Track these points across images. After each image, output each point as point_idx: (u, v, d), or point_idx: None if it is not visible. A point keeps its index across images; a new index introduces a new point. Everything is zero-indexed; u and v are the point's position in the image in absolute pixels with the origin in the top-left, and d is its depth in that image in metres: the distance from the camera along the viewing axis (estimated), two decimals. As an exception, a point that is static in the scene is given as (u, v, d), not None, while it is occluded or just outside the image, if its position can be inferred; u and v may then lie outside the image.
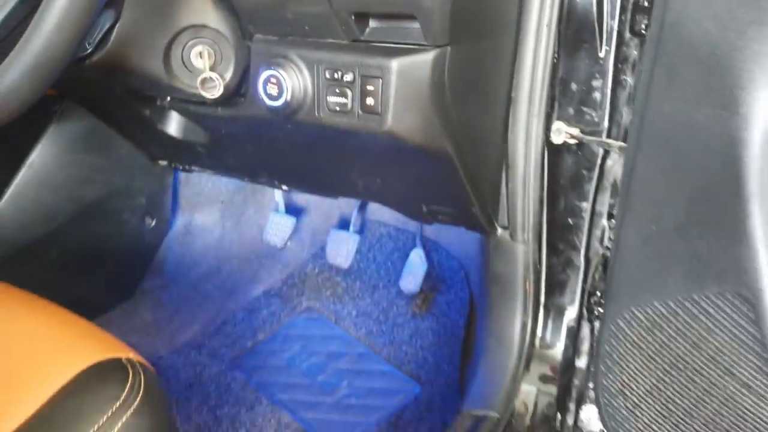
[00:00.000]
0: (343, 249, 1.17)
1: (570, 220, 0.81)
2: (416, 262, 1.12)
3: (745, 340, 0.53)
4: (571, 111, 0.75)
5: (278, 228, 1.21)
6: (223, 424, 0.97)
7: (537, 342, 0.88)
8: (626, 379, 0.65)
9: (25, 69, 0.50)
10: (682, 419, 0.60)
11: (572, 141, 0.76)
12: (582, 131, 0.76)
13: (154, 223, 1.09)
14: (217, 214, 1.26)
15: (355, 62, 0.63)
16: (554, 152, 0.78)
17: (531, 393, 0.87)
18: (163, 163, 1.04)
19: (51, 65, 0.50)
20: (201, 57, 0.66)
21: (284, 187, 0.97)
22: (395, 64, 0.61)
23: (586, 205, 0.79)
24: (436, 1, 0.56)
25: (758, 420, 0.53)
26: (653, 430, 0.63)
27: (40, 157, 0.90)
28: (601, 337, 0.68)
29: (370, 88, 0.62)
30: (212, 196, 1.24)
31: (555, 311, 0.87)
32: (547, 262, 0.85)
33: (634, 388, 0.64)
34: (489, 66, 0.71)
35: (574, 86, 0.74)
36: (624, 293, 0.64)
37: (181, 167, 1.03)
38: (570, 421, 0.84)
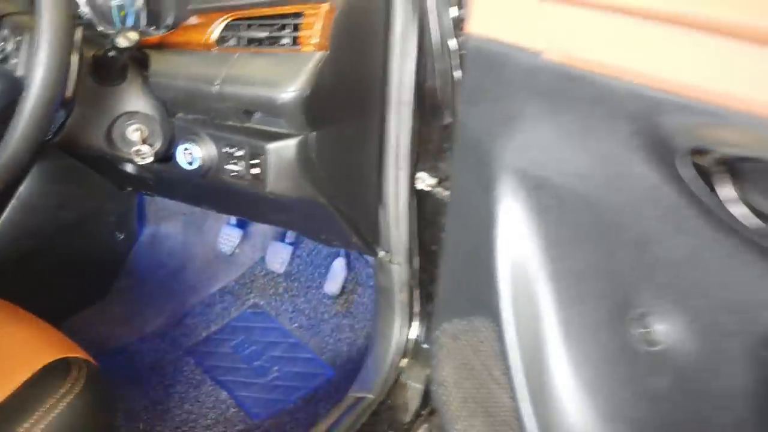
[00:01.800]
0: (279, 257, 1.42)
1: (433, 247, 1.04)
2: (338, 269, 1.36)
3: (497, 350, 0.76)
4: (429, 165, 0.98)
5: (228, 238, 1.45)
6: (173, 400, 1.22)
7: (415, 341, 1.12)
8: (443, 377, 0.88)
9: (10, 157, 0.73)
10: (469, 406, 0.84)
11: (429, 188, 0.99)
12: (438, 181, 0.99)
13: (123, 236, 1.33)
14: (180, 225, 1.50)
15: (245, 142, 0.85)
16: (420, 196, 1.01)
17: (409, 382, 1.11)
18: (129, 188, 1.28)
19: (27, 151, 0.73)
20: (136, 132, 0.89)
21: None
22: (270, 146, 0.83)
23: (445, 236, 1.02)
24: (289, 106, 0.78)
25: (505, 409, 0.77)
26: (461, 414, 0.87)
27: (26, 189, 1.14)
28: (430, 343, 0.92)
29: (255, 161, 0.85)
30: (176, 210, 1.48)
31: (428, 317, 1.11)
32: (420, 278, 1.09)
33: (448, 386, 0.88)
34: (360, 137, 0.93)
35: (430, 146, 0.97)
36: (440, 309, 0.88)
37: (143, 192, 1.28)
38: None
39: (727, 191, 0.50)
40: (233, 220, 1.47)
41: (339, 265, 1.36)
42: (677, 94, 0.52)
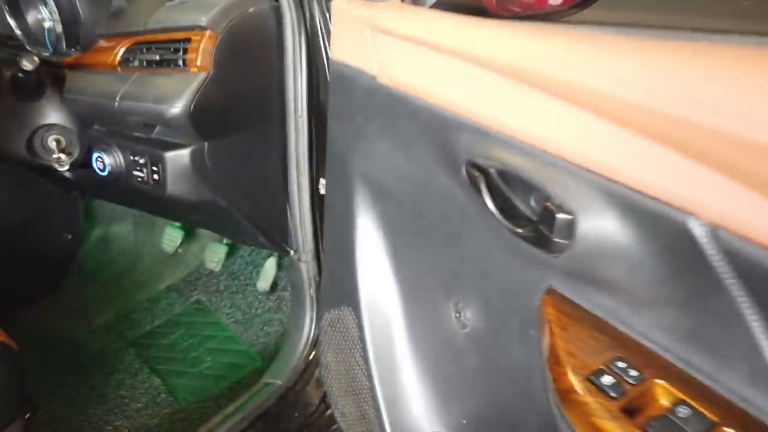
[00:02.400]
0: (216, 257, 1.52)
1: (336, 246, 1.14)
2: (268, 268, 1.46)
3: (356, 335, 0.86)
4: (328, 171, 1.08)
5: (170, 239, 1.56)
6: (110, 385, 1.33)
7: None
8: (327, 361, 0.98)
9: None
10: (342, 386, 0.94)
11: (327, 192, 1.09)
12: (337, 185, 1.08)
13: (70, 236, 1.45)
14: (131, 226, 1.61)
15: (146, 151, 0.96)
16: (322, 199, 1.11)
17: (318, 370, 1.21)
18: (75, 192, 1.40)
19: None
20: (54, 143, 1.00)
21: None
22: (168, 154, 0.94)
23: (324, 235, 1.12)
24: (177, 119, 0.88)
25: (364, 388, 0.86)
26: (339, 394, 0.97)
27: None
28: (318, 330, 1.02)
29: (155, 168, 0.96)
30: (125, 212, 1.59)
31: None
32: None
33: (330, 369, 0.98)
34: (260, 146, 1.04)
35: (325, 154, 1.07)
36: (323, 301, 0.98)
37: (86, 195, 1.39)
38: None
39: (486, 196, 0.60)
40: (176, 222, 1.58)
41: (270, 265, 1.46)
42: (458, 114, 0.62)
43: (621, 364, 0.52)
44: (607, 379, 0.51)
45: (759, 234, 0.39)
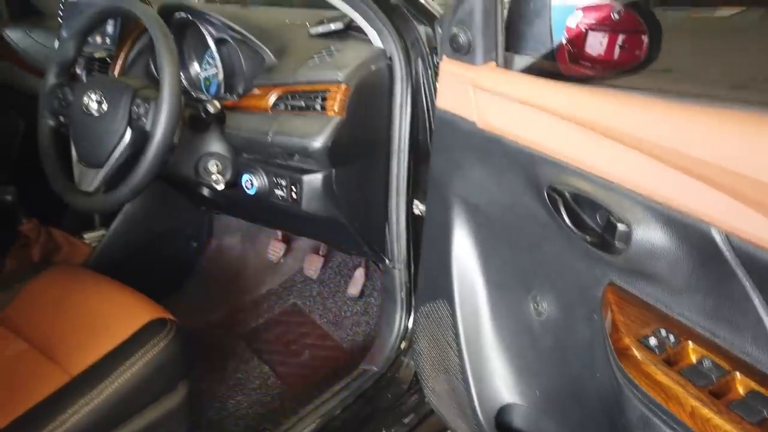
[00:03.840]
0: (313, 266, 1.79)
1: (425, 256, 1.39)
2: (358, 276, 1.72)
3: (449, 323, 1.10)
4: (421, 195, 1.33)
5: (275, 250, 1.84)
6: (228, 369, 1.59)
7: (412, 329, 1.45)
8: (420, 348, 1.21)
9: (139, 182, 1.12)
10: (435, 367, 1.17)
11: (420, 213, 1.34)
12: (428, 207, 1.34)
13: (196, 245, 1.74)
14: (239, 239, 1.90)
15: (287, 174, 1.23)
16: (415, 217, 1.36)
17: (406, 360, 1.44)
18: (203, 208, 1.69)
19: (148, 179, 1.11)
20: (214, 166, 1.29)
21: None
22: (305, 177, 1.21)
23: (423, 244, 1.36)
24: (317, 152, 1.15)
25: (455, 366, 1.09)
26: (431, 374, 1.20)
27: (130, 206, 1.56)
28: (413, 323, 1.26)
29: (294, 188, 1.23)
30: (236, 227, 1.88)
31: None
32: (416, 280, 1.43)
33: (423, 353, 1.21)
34: (371, 171, 1.30)
35: (421, 182, 1.32)
36: (419, 296, 1.21)
37: (214, 212, 1.68)
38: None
39: (563, 212, 0.83)
40: (279, 235, 1.86)
41: (359, 274, 1.72)
42: (541, 152, 0.86)
43: (663, 332, 0.70)
44: (652, 341, 0.70)
45: (759, 239, 0.59)
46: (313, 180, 1.21)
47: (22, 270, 1.37)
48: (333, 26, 1.27)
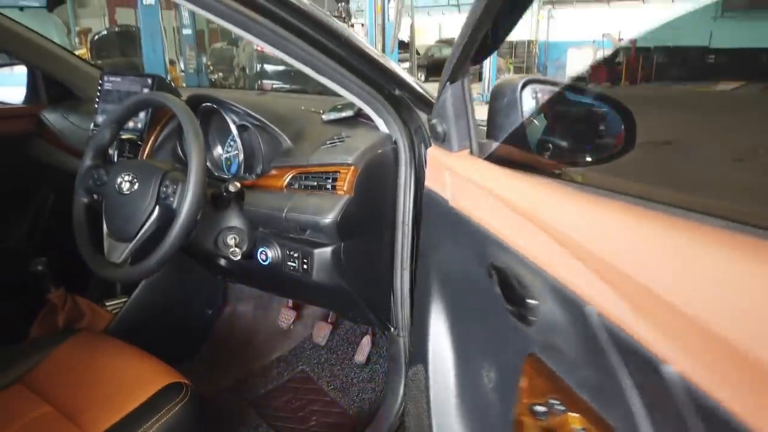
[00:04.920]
0: (322, 333, 1.86)
1: (428, 326, 1.46)
2: (364, 344, 1.79)
3: (423, 387, 1.16)
4: (424, 267, 1.42)
5: (285, 317, 1.92)
6: (237, 435, 1.65)
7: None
8: (408, 409, 1.27)
9: (164, 255, 1.23)
10: (416, 429, 1.23)
11: (424, 283, 1.43)
12: (431, 278, 1.43)
13: (211, 311, 1.83)
14: (252, 305, 1.98)
15: (299, 248, 1.34)
16: (419, 288, 1.44)
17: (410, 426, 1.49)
18: (219, 276, 1.79)
19: (173, 252, 1.22)
20: (232, 240, 1.39)
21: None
22: (316, 251, 1.31)
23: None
24: (327, 227, 1.26)
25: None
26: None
27: (152, 277, 1.66)
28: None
29: (305, 260, 1.33)
30: (249, 294, 1.97)
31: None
32: (420, 349, 1.50)
33: (410, 415, 1.27)
34: (377, 244, 1.40)
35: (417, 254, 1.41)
36: (410, 362, 1.28)
37: (229, 280, 1.77)
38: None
39: (497, 287, 0.90)
40: (290, 303, 1.94)
41: (366, 341, 1.79)
42: (490, 232, 0.93)
43: (553, 401, 0.74)
44: (540, 408, 0.75)
45: (620, 320, 0.63)
46: (324, 253, 1.31)
47: (49, 336, 1.45)
48: (344, 114, 1.40)
